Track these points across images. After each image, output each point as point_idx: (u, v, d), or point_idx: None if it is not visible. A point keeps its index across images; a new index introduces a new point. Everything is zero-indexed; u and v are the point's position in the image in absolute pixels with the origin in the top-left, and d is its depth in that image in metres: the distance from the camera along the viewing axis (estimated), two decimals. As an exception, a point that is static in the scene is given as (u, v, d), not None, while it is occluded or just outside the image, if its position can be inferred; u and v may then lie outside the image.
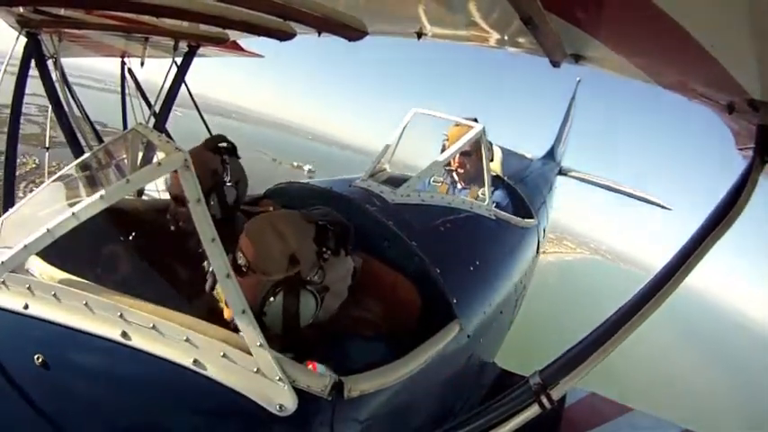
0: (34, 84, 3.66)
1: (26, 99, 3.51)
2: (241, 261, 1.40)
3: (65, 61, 4.27)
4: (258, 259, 1.39)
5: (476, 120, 3.18)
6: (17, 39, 3.32)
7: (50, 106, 3.75)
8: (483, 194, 2.85)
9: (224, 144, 2.12)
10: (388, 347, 1.61)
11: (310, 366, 1.37)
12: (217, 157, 2.06)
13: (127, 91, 5.14)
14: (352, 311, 1.68)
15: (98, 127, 5.02)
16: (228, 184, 2.05)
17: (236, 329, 1.23)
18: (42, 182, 1.81)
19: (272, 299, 1.39)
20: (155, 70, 4.78)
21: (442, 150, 3.20)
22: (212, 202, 1.97)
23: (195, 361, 1.16)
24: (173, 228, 2.01)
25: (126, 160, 1.90)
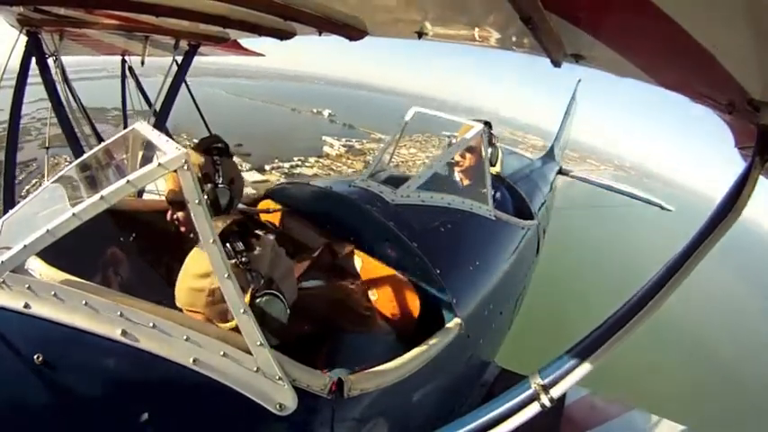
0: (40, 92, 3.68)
1: (41, 104, 3.52)
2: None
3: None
4: (213, 317, 1.34)
5: (487, 123, 3.17)
6: (17, 38, 3.32)
7: (50, 105, 3.75)
8: (483, 194, 2.85)
9: (217, 145, 2.11)
10: (389, 346, 1.61)
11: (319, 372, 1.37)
12: (208, 159, 2.05)
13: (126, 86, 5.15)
14: (353, 311, 1.69)
15: (115, 112, 5.09)
16: (221, 185, 2.04)
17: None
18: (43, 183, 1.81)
19: None
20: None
21: (446, 149, 3.20)
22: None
23: (195, 360, 1.16)
24: (172, 231, 2.01)
25: (126, 160, 1.90)
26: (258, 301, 1.32)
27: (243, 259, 1.37)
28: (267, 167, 46.66)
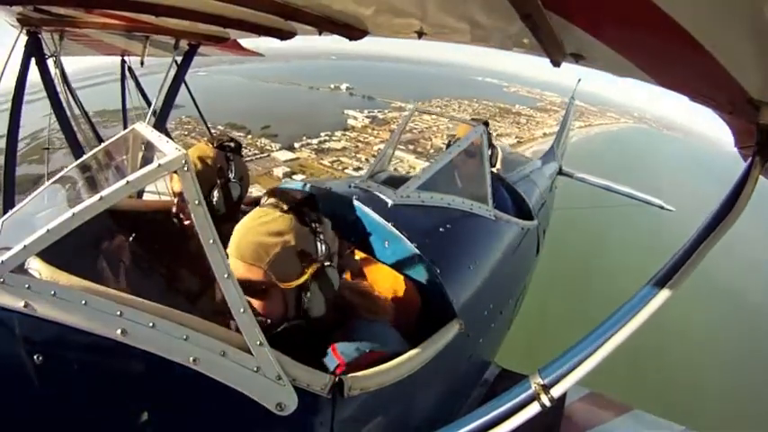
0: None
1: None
2: (255, 287, 1.36)
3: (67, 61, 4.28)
4: (272, 273, 1.35)
5: (486, 123, 3.18)
6: (17, 37, 3.32)
7: (50, 106, 3.76)
8: (483, 195, 2.85)
9: (230, 143, 2.18)
10: (393, 342, 1.61)
11: (331, 350, 1.40)
12: (221, 154, 2.11)
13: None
14: (375, 301, 1.69)
15: (134, 113, 5.14)
16: (233, 180, 2.09)
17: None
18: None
19: (307, 295, 1.40)
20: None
21: (445, 150, 3.20)
22: (216, 197, 2.02)
23: (195, 359, 1.16)
24: (176, 223, 2.03)
25: (126, 161, 1.91)
26: (324, 271, 1.40)
27: (318, 229, 1.43)
28: (296, 145, 47.73)
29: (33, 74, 3.54)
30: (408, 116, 3.44)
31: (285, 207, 1.41)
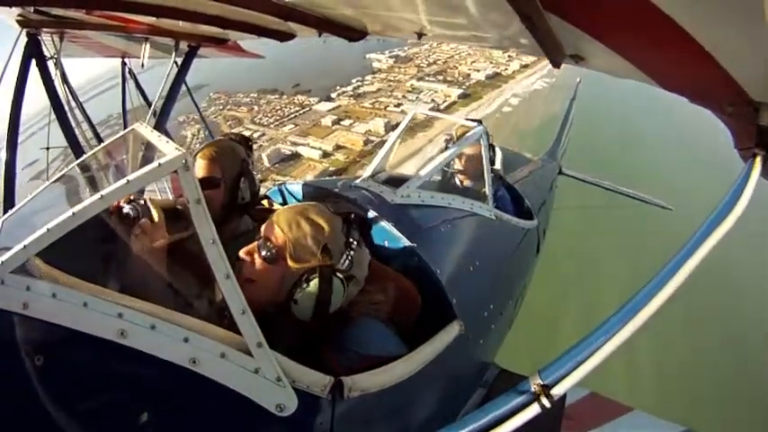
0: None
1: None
2: (270, 249, 1.44)
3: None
4: (291, 247, 1.43)
5: (480, 122, 3.19)
6: (17, 39, 3.32)
7: (51, 106, 3.76)
8: (483, 194, 2.85)
9: (249, 142, 2.26)
10: (392, 344, 1.61)
11: (326, 352, 1.41)
12: (242, 147, 2.18)
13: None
14: (356, 308, 1.69)
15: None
16: (255, 173, 2.18)
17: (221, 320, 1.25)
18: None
19: (304, 285, 1.40)
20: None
21: (445, 150, 3.20)
22: (243, 185, 2.10)
23: (194, 361, 1.16)
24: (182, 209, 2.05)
25: (126, 161, 1.91)
26: (334, 276, 1.41)
27: (353, 246, 1.48)
28: (333, 95, 48.22)
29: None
30: (408, 118, 3.44)
31: (337, 212, 1.52)
